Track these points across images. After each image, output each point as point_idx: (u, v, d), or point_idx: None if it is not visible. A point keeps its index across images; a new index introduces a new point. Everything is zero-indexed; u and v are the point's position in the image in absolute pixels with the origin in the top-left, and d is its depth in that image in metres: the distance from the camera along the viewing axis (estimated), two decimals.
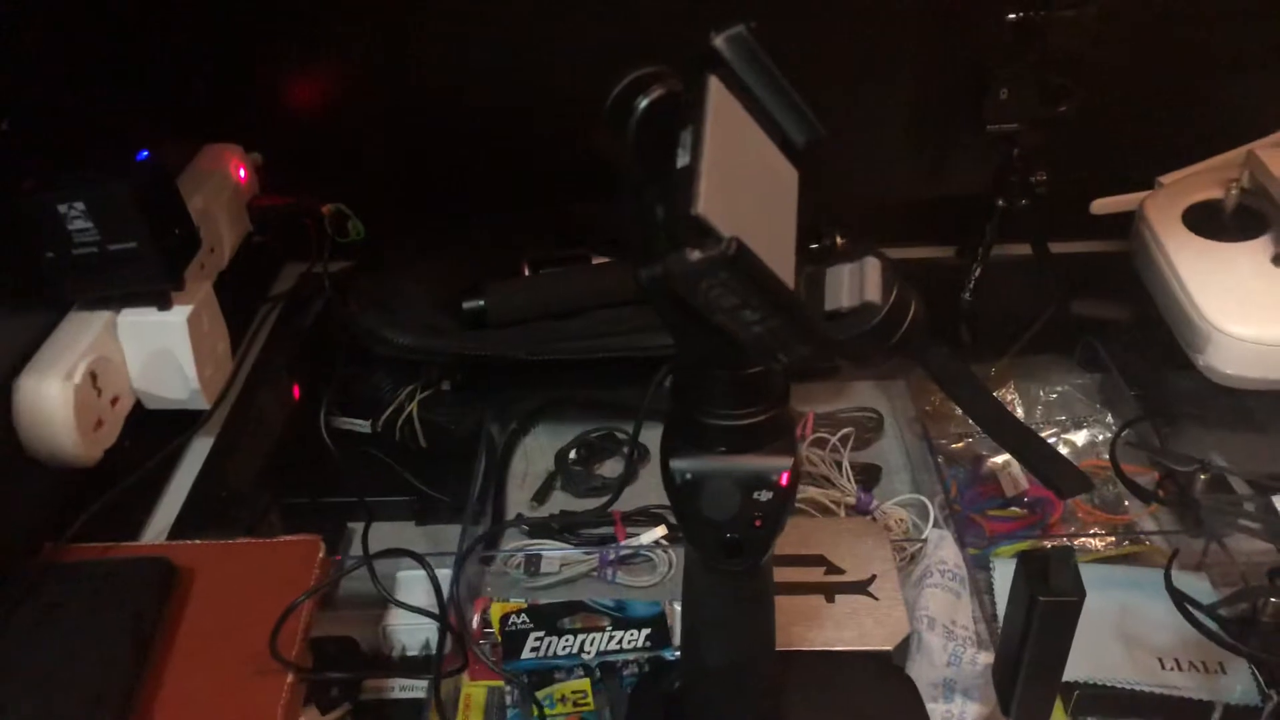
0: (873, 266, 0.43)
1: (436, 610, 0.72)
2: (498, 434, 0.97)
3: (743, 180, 0.39)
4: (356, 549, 0.87)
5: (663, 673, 0.70)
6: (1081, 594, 0.52)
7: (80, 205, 0.65)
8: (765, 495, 0.45)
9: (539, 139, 0.97)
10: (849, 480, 0.89)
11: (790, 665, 0.68)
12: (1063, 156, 0.94)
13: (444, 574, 0.76)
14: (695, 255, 0.35)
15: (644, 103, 0.42)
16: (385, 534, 0.87)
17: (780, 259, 0.40)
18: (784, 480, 0.45)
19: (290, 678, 0.60)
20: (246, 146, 0.97)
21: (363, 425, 0.94)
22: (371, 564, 0.71)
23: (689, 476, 0.45)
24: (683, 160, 0.38)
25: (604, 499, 0.88)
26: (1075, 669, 0.67)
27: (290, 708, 0.60)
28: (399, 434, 0.92)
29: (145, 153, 0.68)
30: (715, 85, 0.39)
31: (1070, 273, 0.99)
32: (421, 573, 0.74)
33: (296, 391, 0.98)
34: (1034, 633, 0.54)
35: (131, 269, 0.68)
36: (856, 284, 0.43)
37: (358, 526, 0.88)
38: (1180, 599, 0.61)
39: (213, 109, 0.97)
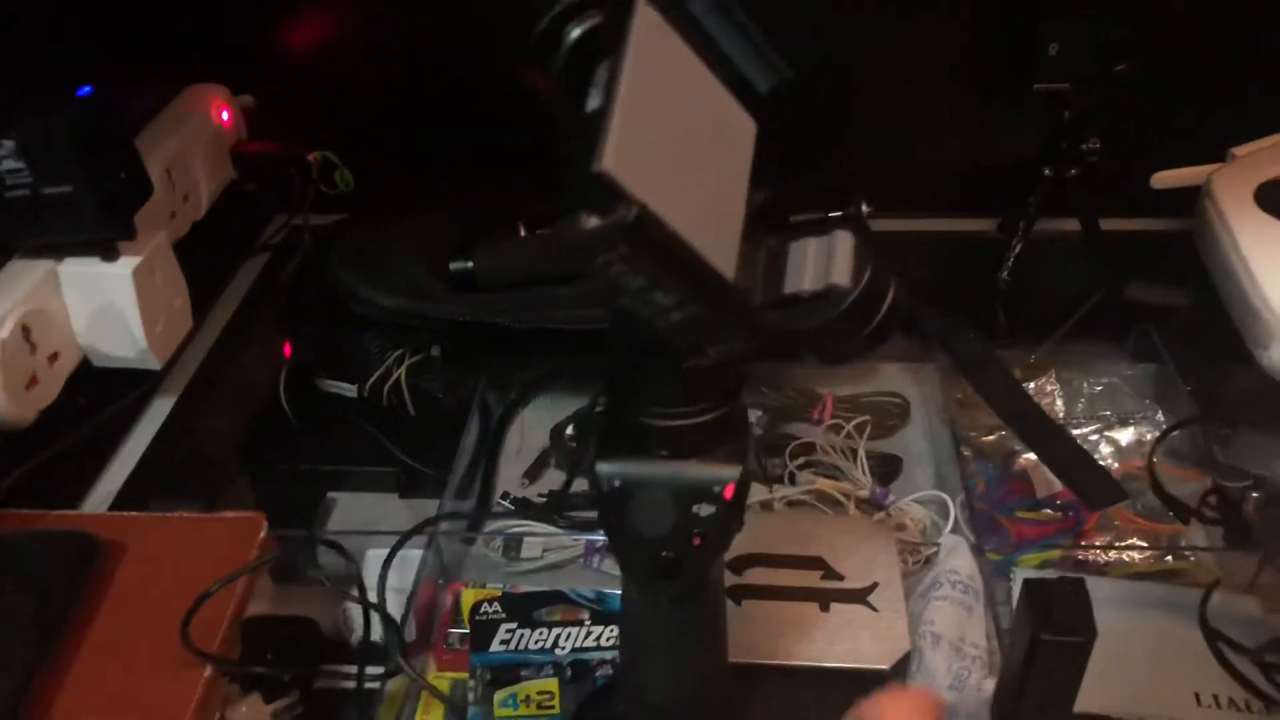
0: (843, 242, 0.36)
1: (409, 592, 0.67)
2: (494, 403, 0.91)
3: (672, 131, 0.32)
4: (337, 520, 0.83)
5: (606, 697, 0.64)
6: (1091, 634, 0.45)
7: (9, 143, 0.60)
8: (706, 510, 0.38)
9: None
10: (864, 472, 0.82)
11: (770, 682, 0.61)
12: (1119, 122, 0.86)
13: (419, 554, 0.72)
14: (591, 223, 0.29)
15: (575, 32, 0.35)
16: (368, 505, 0.84)
17: (716, 231, 0.32)
18: (729, 493, 0.38)
19: (208, 670, 0.55)
20: (239, 89, 0.91)
21: (349, 389, 0.89)
22: (316, 544, 0.66)
23: (617, 483, 0.39)
24: (594, 103, 0.30)
25: None
26: (1099, 700, 0.61)
27: (206, 702, 0.55)
28: (386, 400, 0.88)
29: (88, 89, 0.62)
30: (643, 9, 0.32)
31: (1123, 253, 0.91)
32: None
33: (288, 350, 0.93)
34: (1036, 673, 0.47)
35: (68, 215, 0.63)
36: (822, 263, 0.36)
37: (338, 496, 0.84)
38: (1215, 638, 0.53)
39: (203, 48, 0.91)
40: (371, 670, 0.66)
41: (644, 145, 0.30)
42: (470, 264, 0.83)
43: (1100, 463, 0.73)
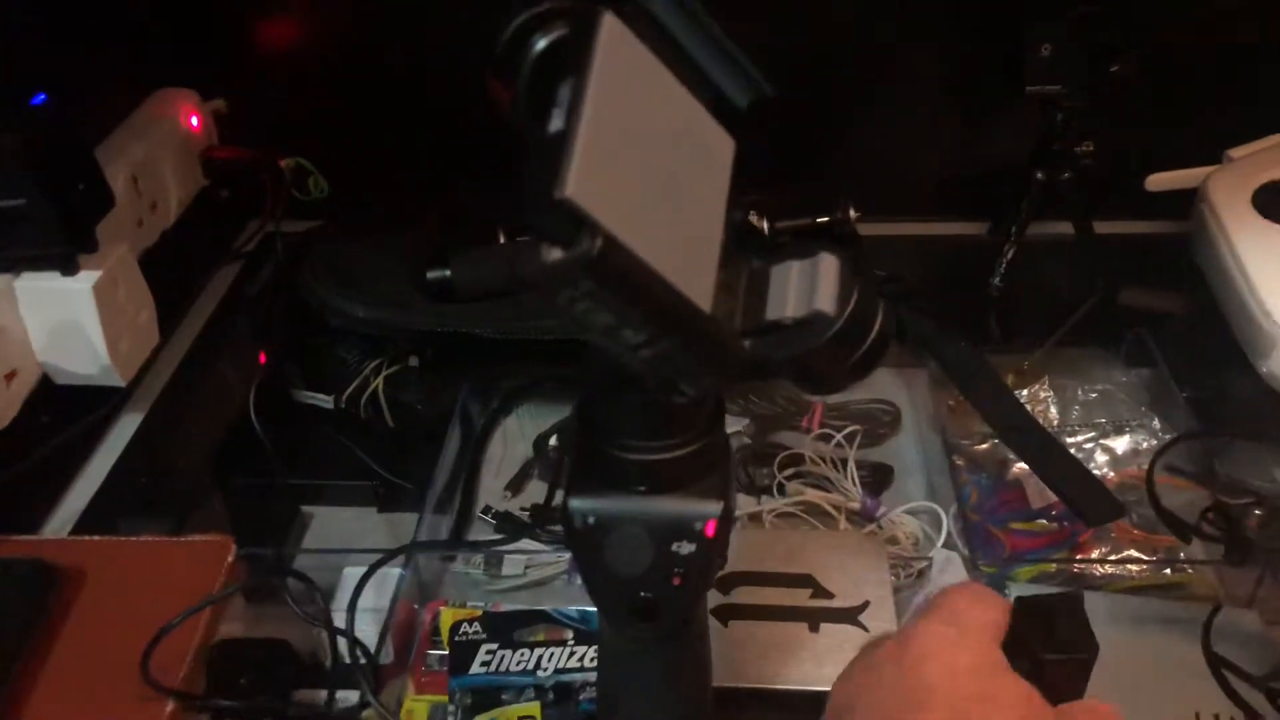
0: (828, 266, 0.34)
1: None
2: (476, 414, 0.89)
3: (641, 152, 0.30)
4: (314, 536, 0.80)
5: None
6: (1093, 649, 0.43)
7: None
8: (686, 548, 0.36)
9: None
10: (854, 483, 0.80)
11: (757, 707, 0.59)
12: (1114, 124, 0.84)
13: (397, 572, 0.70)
14: (554, 256, 0.26)
15: (541, 43, 0.33)
16: (345, 521, 0.82)
17: (691, 259, 0.30)
18: (710, 530, 0.36)
19: (171, 706, 0.53)
20: (209, 93, 0.89)
21: (325, 400, 0.86)
22: (287, 567, 0.64)
23: (591, 521, 0.37)
24: (556, 124, 0.28)
25: None
26: None
27: None
28: (364, 412, 0.85)
29: (42, 97, 0.60)
30: (610, 24, 0.30)
31: (1118, 257, 0.89)
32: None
33: (262, 359, 0.90)
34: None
35: (23, 229, 0.60)
36: (806, 288, 0.34)
37: (314, 510, 0.82)
38: (1219, 665, 0.50)
39: (171, 52, 0.88)
40: (345, 696, 0.64)
41: (610, 169, 0.28)
42: (448, 273, 0.80)
43: (1097, 475, 0.71)
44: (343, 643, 0.68)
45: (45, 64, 0.70)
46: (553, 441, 0.86)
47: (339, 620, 0.69)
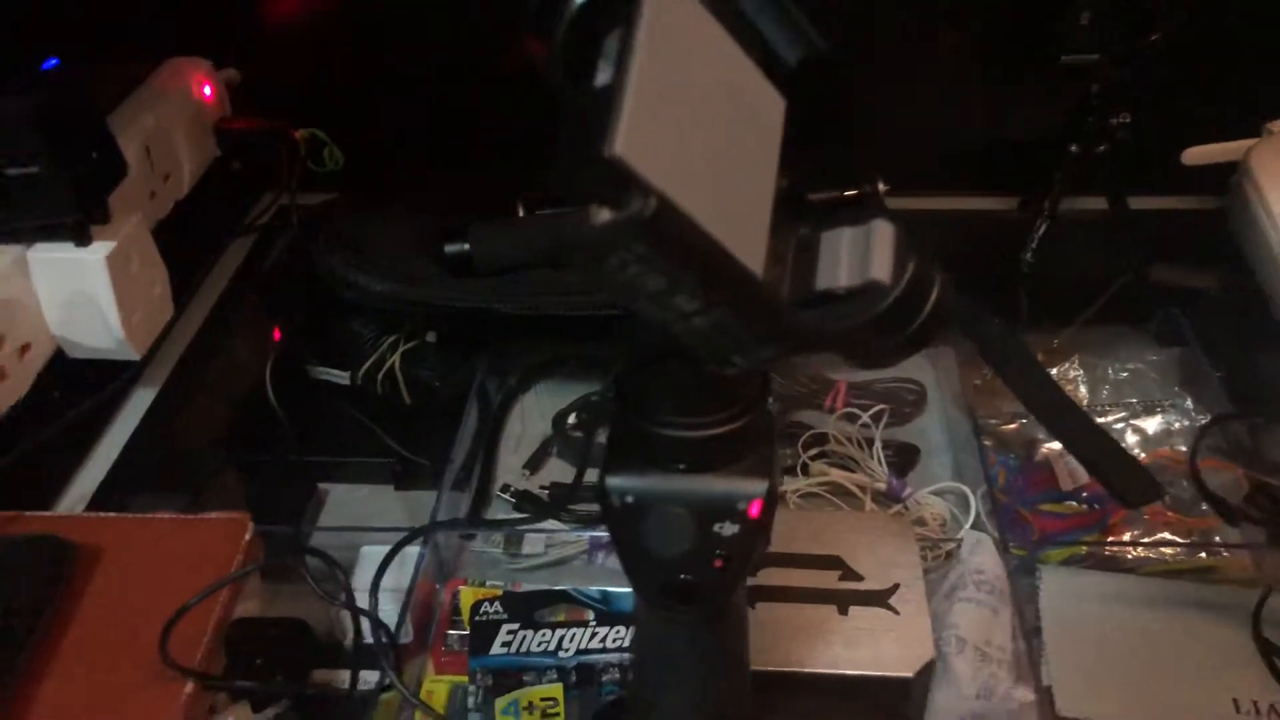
0: (883, 232, 0.32)
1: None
2: (493, 391, 0.87)
3: (692, 109, 0.28)
4: (330, 514, 0.79)
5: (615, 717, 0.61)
6: None
7: None
8: (729, 529, 0.35)
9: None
10: (880, 463, 0.78)
11: (786, 691, 0.58)
12: (1151, 95, 0.82)
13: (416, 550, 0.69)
14: (604, 216, 0.25)
15: None
16: (362, 498, 0.81)
17: (743, 223, 0.29)
18: (754, 510, 0.35)
19: (190, 686, 0.52)
20: (222, 63, 0.87)
21: (341, 376, 0.85)
22: (305, 545, 0.63)
23: (630, 500, 0.35)
24: (603, 77, 0.27)
25: None
26: (1133, 707, 0.60)
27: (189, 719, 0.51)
28: (380, 388, 0.84)
29: (54, 61, 0.58)
30: None
31: (1153, 233, 0.87)
32: (386, 548, 0.67)
33: (277, 334, 0.89)
34: None
35: (36, 198, 0.59)
36: (859, 255, 0.32)
37: (331, 488, 0.81)
38: (1269, 651, 0.49)
39: (183, 20, 0.87)
40: (366, 676, 0.63)
41: (661, 125, 0.26)
42: (466, 246, 0.78)
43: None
44: (362, 622, 0.67)
45: (56, 29, 0.68)
46: (571, 419, 0.84)
47: (358, 599, 0.68)
